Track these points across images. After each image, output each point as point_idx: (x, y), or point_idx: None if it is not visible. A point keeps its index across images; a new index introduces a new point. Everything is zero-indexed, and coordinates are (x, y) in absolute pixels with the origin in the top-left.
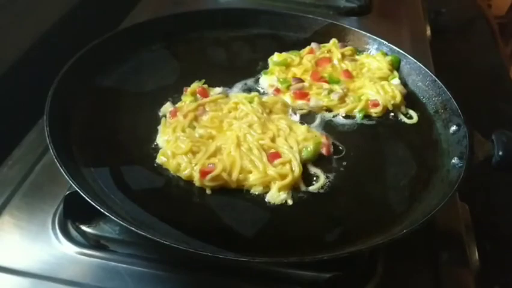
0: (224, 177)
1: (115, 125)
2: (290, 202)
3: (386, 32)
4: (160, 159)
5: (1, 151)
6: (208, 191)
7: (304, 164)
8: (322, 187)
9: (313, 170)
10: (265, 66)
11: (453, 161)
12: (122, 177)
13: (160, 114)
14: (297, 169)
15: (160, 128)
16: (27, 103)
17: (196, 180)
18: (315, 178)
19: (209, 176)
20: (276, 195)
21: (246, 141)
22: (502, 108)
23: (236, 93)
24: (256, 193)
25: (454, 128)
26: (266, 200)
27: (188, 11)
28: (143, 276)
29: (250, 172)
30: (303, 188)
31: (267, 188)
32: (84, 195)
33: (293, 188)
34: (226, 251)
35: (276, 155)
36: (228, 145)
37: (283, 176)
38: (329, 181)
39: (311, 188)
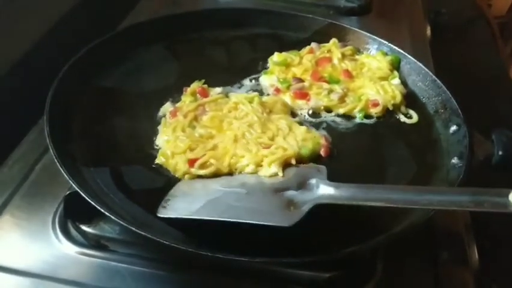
0: (213, 163)
1: (115, 125)
2: (280, 174)
3: (386, 31)
4: (160, 159)
5: (1, 151)
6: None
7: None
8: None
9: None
10: (265, 66)
11: (453, 160)
12: (122, 177)
13: (160, 114)
14: (289, 148)
15: (160, 128)
16: (27, 103)
17: (185, 169)
18: None
19: (197, 164)
20: (266, 169)
21: (244, 139)
22: (501, 108)
23: (236, 93)
24: (249, 172)
25: (453, 127)
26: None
27: (188, 11)
28: (144, 276)
29: (243, 157)
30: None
31: (259, 167)
32: (84, 195)
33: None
34: (226, 250)
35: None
36: (225, 142)
37: (274, 153)
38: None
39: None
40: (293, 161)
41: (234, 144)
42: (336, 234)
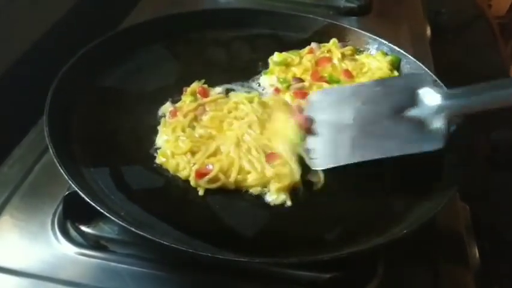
0: (221, 179)
1: (114, 125)
2: (289, 203)
3: (386, 31)
4: (160, 159)
5: (1, 151)
6: (200, 192)
7: (303, 165)
8: (321, 188)
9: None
10: (265, 66)
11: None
12: (122, 177)
13: (160, 114)
14: (296, 171)
15: (159, 128)
16: (27, 103)
17: (192, 179)
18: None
19: (206, 178)
20: (274, 196)
21: (245, 142)
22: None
23: (236, 93)
24: (256, 193)
25: (453, 127)
26: (265, 200)
27: (188, 11)
28: (143, 277)
29: (249, 173)
30: (302, 189)
31: (265, 188)
32: (83, 196)
33: (292, 189)
34: (226, 251)
35: (275, 155)
36: (227, 145)
37: (281, 177)
38: (328, 181)
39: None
40: (301, 188)
41: (237, 149)
42: (336, 234)
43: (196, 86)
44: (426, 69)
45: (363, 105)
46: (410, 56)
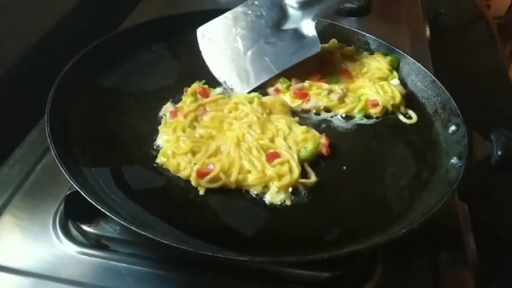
0: (222, 179)
1: (115, 125)
2: (288, 202)
3: (386, 32)
4: (161, 159)
5: (2, 151)
6: (201, 192)
7: (302, 163)
8: (320, 187)
9: (308, 169)
10: None
11: (452, 160)
12: (122, 177)
13: (161, 114)
14: (296, 170)
15: (160, 128)
16: (28, 103)
17: (193, 179)
18: (309, 176)
19: (207, 178)
20: (274, 195)
21: (245, 142)
22: (500, 108)
23: (236, 94)
24: (256, 193)
25: (452, 128)
26: (266, 200)
27: (188, 12)
28: (144, 276)
29: (249, 172)
30: (301, 188)
31: (266, 188)
32: (85, 195)
33: (292, 188)
34: (226, 250)
35: (275, 155)
36: (227, 145)
37: (281, 176)
38: (327, 181)
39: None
40: (301, 188)
41: (237, 149)
42: (336, 234)
43: (196, 86)
44: (425, 69)
45: (244, 31)
46: (409, 57)
